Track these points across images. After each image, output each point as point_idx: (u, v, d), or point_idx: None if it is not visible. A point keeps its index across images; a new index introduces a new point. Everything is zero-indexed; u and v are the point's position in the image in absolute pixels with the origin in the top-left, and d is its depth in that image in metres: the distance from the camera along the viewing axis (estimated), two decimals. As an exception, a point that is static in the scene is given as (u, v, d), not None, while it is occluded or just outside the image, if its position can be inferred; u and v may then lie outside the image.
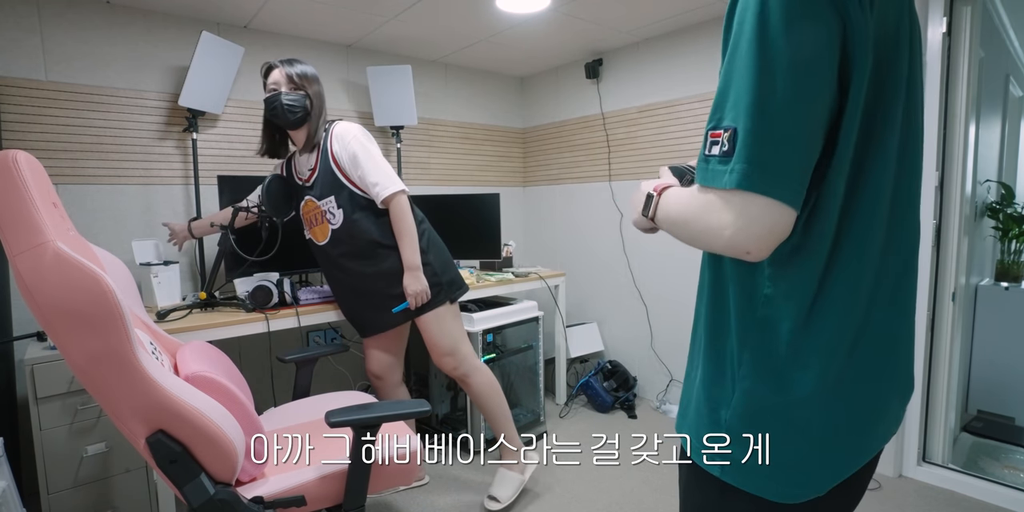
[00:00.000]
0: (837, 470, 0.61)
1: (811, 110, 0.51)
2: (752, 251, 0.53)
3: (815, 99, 0.51)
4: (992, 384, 2.59)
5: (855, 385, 0.60)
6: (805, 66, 0.50)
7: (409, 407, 1.26)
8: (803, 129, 0.51)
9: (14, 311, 1.84)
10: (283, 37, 2.53)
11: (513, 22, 2.45)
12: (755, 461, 0.61)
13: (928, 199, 2.00)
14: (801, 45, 0.50)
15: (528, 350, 2.54)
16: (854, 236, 0.58)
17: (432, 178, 3.10)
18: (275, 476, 1.21)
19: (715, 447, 0.64)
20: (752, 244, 0.52)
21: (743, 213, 0.51)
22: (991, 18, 2.39)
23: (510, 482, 1.89)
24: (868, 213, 0.58)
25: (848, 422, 0.60)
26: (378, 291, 1.79)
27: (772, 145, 0.50)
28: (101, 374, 0.91)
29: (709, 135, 0.55)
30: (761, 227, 0.51)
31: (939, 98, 1.97)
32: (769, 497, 0.61)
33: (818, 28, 0.50)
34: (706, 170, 0.54)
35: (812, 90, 0.51)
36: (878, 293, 0.61)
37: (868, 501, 1.91)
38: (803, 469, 0.61)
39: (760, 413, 0.61)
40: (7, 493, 1.37)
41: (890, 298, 0.62)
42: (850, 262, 0.58)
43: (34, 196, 0.90)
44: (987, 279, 2.82)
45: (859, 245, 0.58)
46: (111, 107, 2.11)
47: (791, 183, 0.51)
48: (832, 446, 0.61)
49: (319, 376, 2.51)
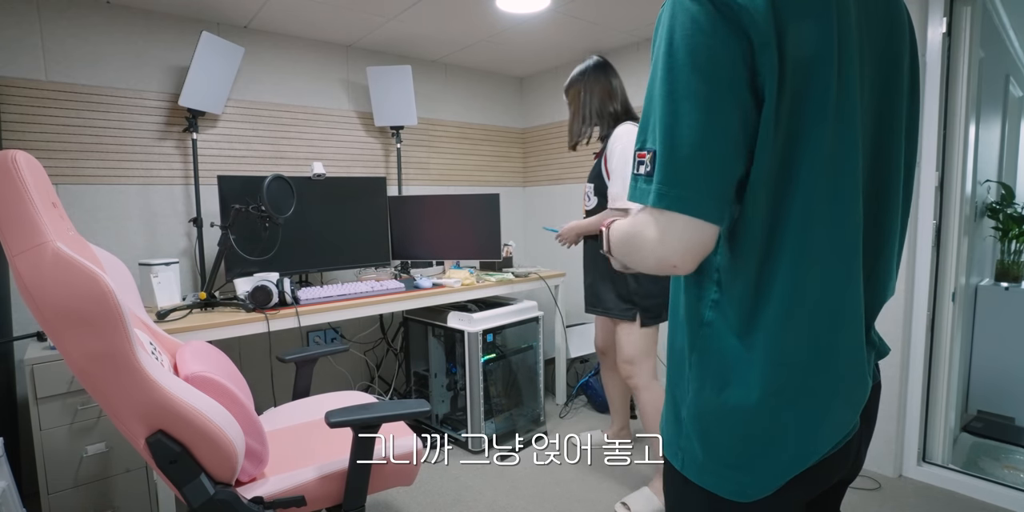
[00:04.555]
0: (781, 471, 0.62)
1: (721, 130, 0.53)
2: (678, 265, 0.57)
3: (724, 119, 0.53)
4: (992, 384, 2.59)
5: (796, 390, 0.60)
6: (709, 88, 0.53)
7: (409, 407, 1.25)
8: (714, 148, 0.54)
9: (14, 311, 1.84)
10: (283, 37, 2.53)
11: (513, 22, 2.45)
12: (709, 459, 0.64)
13: (928, 199, 2.00)
14: (704, 68, 0.53)
15: (528, 350, 2.54)
16: (789, 247, 0.58)
17: (432, 178, 3.10)
18: (275, 476, 1.21)
19: (678, 444, 0.68)
20: (676, 258, 0.56)
21: (666, 230, 0.56)
22: (991, 18, 2.38)
23: (649, 501, 1.85)
24: (802, 222, 0.58)
25: (789, 427, 0.61)
26: (601, 272, 1.97)
27: (686, 165, 0.54)
28: (101, 374, 0.91)
29: (636, 155, 0.58)
30: (680, 242, 0.55)
31: (939, 98, 1.96)
32: (722, 494, 0.64)
33: (721, 52, 0.53)
34: (635, 188, 0.58)
35: (719, 110, 0.53)
36: (830, 300, 0.60)
37: (868, 501, 1.91)
38: (748, 469, 0.63)
39: (707, 414, 0.64)
40: (7, 493, 1.37)
41: (843, 305, 0.61)
42: (791, 270, 0.58)
43: (33, 196, 0.90)
44: (987, 279, 2.82)
45: (798, 254, 0.58)
46: (111, 107, 2.11)
47: (707, 200, 0.54)
48: (772, 448, 0.62)
49: (319, 376, 2.52)
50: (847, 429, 0.65)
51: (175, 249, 2.28)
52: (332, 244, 2.40)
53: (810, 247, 0.58)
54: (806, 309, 0.59)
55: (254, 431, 1.14)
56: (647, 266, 0.61)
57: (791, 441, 0.62)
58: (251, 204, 1.93)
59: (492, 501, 1.95)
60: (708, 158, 0.54)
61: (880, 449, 2.09)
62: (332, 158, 2.71)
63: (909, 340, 2.05)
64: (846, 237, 0.60)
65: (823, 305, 0.60)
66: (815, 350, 0.60)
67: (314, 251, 2.35)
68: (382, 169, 2.90)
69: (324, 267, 2.41)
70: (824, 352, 0.61)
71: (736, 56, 0.53)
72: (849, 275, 0.61)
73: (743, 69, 0.53)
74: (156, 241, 2.23)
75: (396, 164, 2.86)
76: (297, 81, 2.58)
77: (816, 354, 0.61)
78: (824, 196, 0.57)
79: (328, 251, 2.39)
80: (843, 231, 0.59)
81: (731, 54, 0.53)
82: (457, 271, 2.61)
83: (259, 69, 2.46)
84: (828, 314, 0.60)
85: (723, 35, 0.52)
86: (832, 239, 0.59)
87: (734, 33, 0.52)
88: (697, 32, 0.53)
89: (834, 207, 0.58)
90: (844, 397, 0.63)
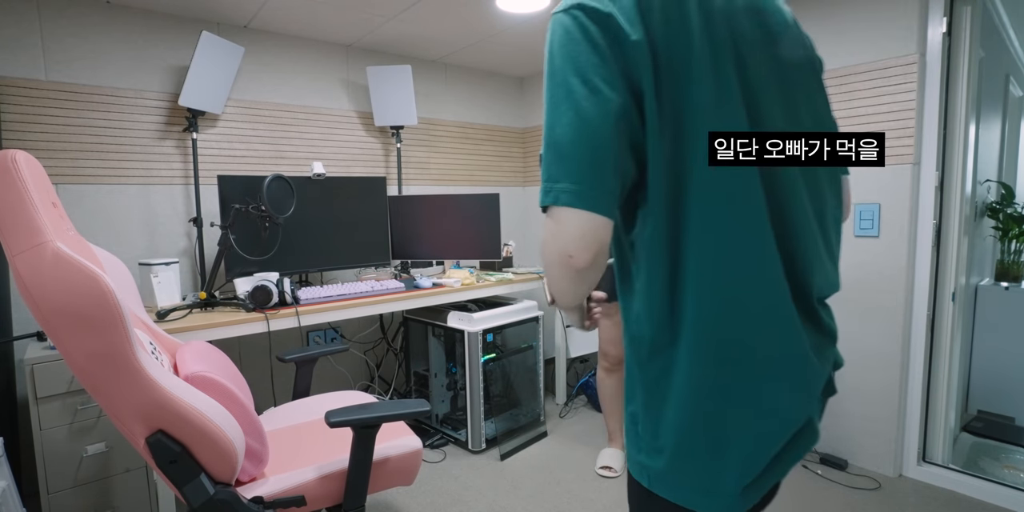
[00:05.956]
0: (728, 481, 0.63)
1: (596, 126, 0.57)
2: (573, 255, 0.59)
3: (599, 116, 0.57)
4: (992, 384, 2.59)
5: (716, 405, 0.62)
6: (583, 89, 0.57)
7: (409, 407, 1.25)
8: (591, 142, 0.57)
9: (14, 311, 1.84)
10: (283, 37, 2.53)
11: (513, 22, 2.45)
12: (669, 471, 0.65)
13: (928, 199, 2.00)
14: (577, 73, 0.58)
15: (528, 350, 2.54)
16: (693, 252, 0.60)
17: (432, 178, 3.10)
18: (275, 476, 1.21)
19: (638, 459, 0.69)
20: (571, 247, 0.59)
21: (558, 223, 0.59)
22: (991, 18, 2.38)
23: (619, 457, 2.22)
24: (702, 220, 0.60)
25: (718, 439, 0.63)
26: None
27: (566, 162, 0.58)
28: (101, 374, 0.91)
29: (541, 162, 0.64)
30: (570, 233, 0.58)
31: (939, 98, 1.96)
32: (686, 505, 0.64)
33: (592, 57, 0.57)
34: (540, 192, 0.61)
35: (594, 109, 0.57)
36: (756, 307, 0.61)
37: (868, 501, 1.91)
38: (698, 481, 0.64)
39: (648, 430, 0.67)
40: (7, 493, 1.37)
41: (777, 312, 0.62)
42: (699, 277, 0.60)
43: (33, 196, 0.90)
44: (987, 279, 2.82)
45: (702, 257, 0.60)
46: (111, 107, 2.11)
47: (590, 191, 0.57)
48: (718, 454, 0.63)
49: (319, 376, 2.52)
50: (776, 440, 0.64)
51: (175, 249, 2.27)
52: (332, 244, 2.41)
53: (714, 246, 0.60)
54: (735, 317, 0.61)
55: (254, 431, 1.14)
56: (552, 265, 0.62)
57: (734, 445, 0.63)
58: (251, 204, 1.93)
59: (492, 501, 1.95)
60: (585, 152, 0.57)
61: (880, 449, 2.09)
62: (332, 158, 2.71)
63: (909, 340, 2.05)
64: (750, 228, 0.61)
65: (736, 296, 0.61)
66: (743, 361, 0.62)
67: (314, 251, 2.35)
68: (382, 169, 2.90)
69: (324, 267, 2.41)
70: (756, 362, 0.62)
71: (607, 58, 0.57)
72: (762, 269, 0.62)
73: (616, 69, 0.57)
74: (156, 241, 2.23)
75: (396, 164, 2.86)
76: (297, 81, 2.58)
77: (746, 366, 0.62)
78: (719, 188, 0.60)
79: (328, 251, 2.39)
80: (745, 222, 0.61)
81: (602, 57, 0.57)
82: (457, 271, 2.61)
83: (259, 69, 2.46)
84: (741, 304, 0.61)
85: (594, 41, 0.57)
86: (735, 233, 0.61)
87: (604, 38, 0.57)
88: (570, 41, 0.58)
89: (732, 200, 0.60)
90: (772, 412, 0.63)
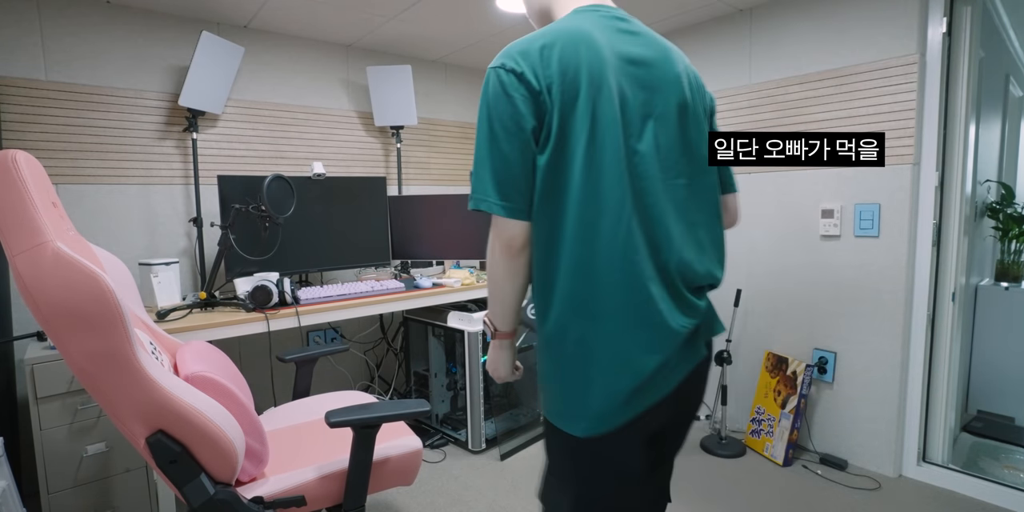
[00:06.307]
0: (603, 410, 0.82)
1: (508, 155, 0.81)
2: (510, 243, 0.86)
3: (509, 148, 0.81)
4: (992, 384, 2.59)
5: (593, 343, 0.82)
6: (500, 127, 0.81)
7: (409, 407, 1.25)
8: (504, 167, 0.82)
9: (14, 311, 1.84)
10: (283, 37, 2.53)
11: (513, 22, 2.45)
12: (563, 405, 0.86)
13: (928, 199, 2.00)
14: (496, 123, 0.81)
15: (528, 350, 2.54)
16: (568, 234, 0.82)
17: (432, 178, 3.10)
18: (275, 476, 1.21)
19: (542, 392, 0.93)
20: (509, 240, 0.85)
21: (498, 225, 0.85)
22: (991, 18, 2.38)
23: None
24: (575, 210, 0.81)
25: (594, 377, 0.82)
26: None
27: (496, 186, 0.82)
28: (101, 374, 0.91)
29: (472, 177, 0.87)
30: (509, 230, 0.85)
31: (939, 98, 1.96)
32: (570, 432, 0.84)
33: (509, 106, 0.80)
34: (471, 198, 0.85)
35: (509, 150, 0.81)
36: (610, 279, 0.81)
37: (868, 501, 1.91)
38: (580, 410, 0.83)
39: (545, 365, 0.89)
40: (7, 493, 1.37)
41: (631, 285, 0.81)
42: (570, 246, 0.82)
43: (34, 196, 0.90)
44: (987, 279, 2.82)
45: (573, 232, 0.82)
46: (111, 107, 2.11)
47: (512, 205, 0.83)
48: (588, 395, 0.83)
49: (319, 376, 2.52)
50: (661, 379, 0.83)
51: (175, 249, 2.28)
52: (332, 244, 2.40)
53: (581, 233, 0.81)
54: (580, 281, 0.82)
55: (254, 431, 1.14)
56: (495, 251, 0.88)
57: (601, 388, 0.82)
58: (251, 204, 1.93)
59: (492, 501, 1.95)
60: (504, 177, 0.82)
61: (880, 449, 2.09)
62: (332, 158, 2.71)
63: (909, 340, 2.05)
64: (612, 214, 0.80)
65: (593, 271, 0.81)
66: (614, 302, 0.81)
67: (314, 251, 2.35)
68: (382, 169, 2.90)
69: (324, 267, 2.42)
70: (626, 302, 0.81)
71: (518, 104, 0.80)
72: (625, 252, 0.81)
73: (525, 111, 0.80)
74: (156, 241, 2.23)
75: (396, 164, 2.86)
76: (297, 81, 2.58)
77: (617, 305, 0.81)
78: (588, 185, 0.80)
79: (328, 251, 2.39)
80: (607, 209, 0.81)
81: (514, 104, 0.80)
82: (457, 271, 2.61)
83: (259, 69, 2.46)
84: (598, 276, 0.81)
85: (509, 93, 0.80)
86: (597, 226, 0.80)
87: (518, 89, 0.80)
88: (494, 93, 0.82)
89: (599, 192, 0.80)
90: (645, 346, 0.82)
